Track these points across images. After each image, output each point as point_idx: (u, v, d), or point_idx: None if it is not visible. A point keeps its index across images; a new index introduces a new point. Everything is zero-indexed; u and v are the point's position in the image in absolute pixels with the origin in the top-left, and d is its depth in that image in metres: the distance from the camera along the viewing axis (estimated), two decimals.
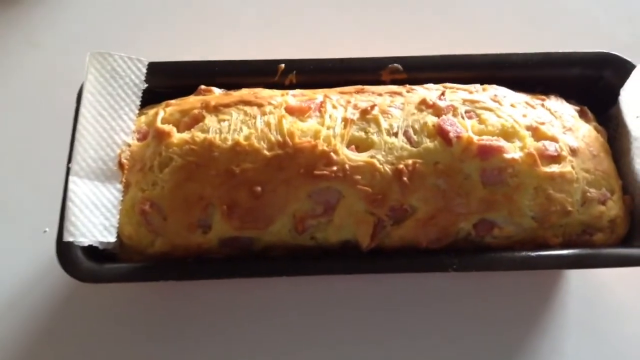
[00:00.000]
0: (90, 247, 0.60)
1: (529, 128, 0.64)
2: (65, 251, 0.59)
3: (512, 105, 0.66)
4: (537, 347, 0.71)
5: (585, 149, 0.66)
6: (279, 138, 0.61)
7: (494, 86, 0.69)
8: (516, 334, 0.72)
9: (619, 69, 0.71)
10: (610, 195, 0.65)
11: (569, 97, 0.72)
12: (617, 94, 0.70)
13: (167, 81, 0.70)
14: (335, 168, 0.60)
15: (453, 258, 0.61)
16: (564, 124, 0.67)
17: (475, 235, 0.63)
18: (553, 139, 0.64)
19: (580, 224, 0.64)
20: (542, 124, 0.65)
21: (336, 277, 0.66)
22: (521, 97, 0.69)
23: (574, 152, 0.65)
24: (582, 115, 0.70)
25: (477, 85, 0.69)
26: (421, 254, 0.62)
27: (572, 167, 0.64)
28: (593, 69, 0.72)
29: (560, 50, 0.73)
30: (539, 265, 0.62)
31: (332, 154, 0.61)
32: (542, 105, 0.68)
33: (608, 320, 0.73)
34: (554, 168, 0.63)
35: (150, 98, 0.69)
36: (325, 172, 0.60)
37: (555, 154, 0.63)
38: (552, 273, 0.75)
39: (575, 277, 0.75)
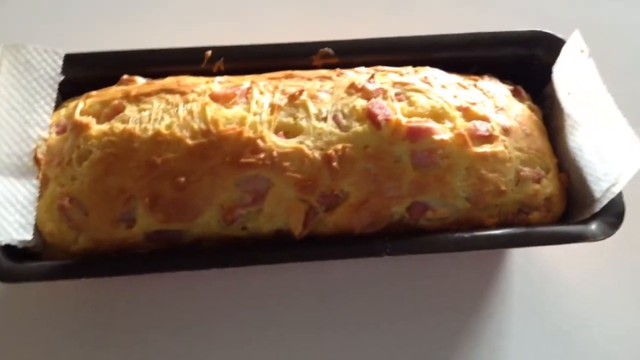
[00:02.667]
0: (12, 246, 0.57)
1: (459, 109, 0.63)
2: None
3: (442, 87, 0.65)
4: (482, 329, 0.70)
5: (518, 128, 0.65)
6: (202, 126, 0.59)
7: (427, 68, 0.68)
8: (460, 316, 0.71)
9: (551, 46, 0.70)
10: (545, 174, 0.65)
11: (504, 77, 0.72)
12: (551, 72, 0.70)
13: (88, 73, 0.67)
14: (262, 155, 0.59)
15: (386, 242, 0.60)
16: (496, 104, 0.66)
17: (410, 219, 0.62)
18: (484, 119, 0.63)
19: (515, 203, 0.64)
20: (474, 104, 0.64)
21: (272, 268, 0.64)
22: (453, 78, 0.67)
23: (506, 131, 0.64)
24: (515, 94, 0.70)
25: (409, 68, 0.68)
26: (354, 240, 0.61)
27: (505, 146, 0.63)
28: (526, 47, 0.72)
29: (497, 30, 0.72)
30: (473, 246, 0.61)
31: (258, 140, 0.59)
32: (475, 85, 0.67)
33: (552, 300, 0.73)
34: (486, 148, 0.62)
35: (74, 90, 0.66)
36: (251, 160, 0.58)
37: (487, 133, 0.63)
38: (495, 254, 0.75)
39: (519, 257, 0.74)
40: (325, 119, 0.61)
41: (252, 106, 0.61)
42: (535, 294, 0.73)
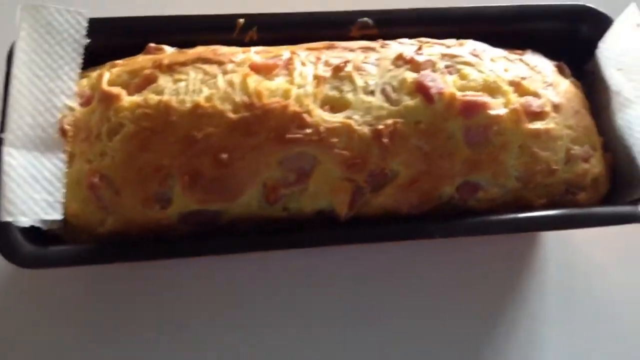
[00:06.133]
0: (31, 228, 0.52)
1: (511, 83, 0.60)
2: (2, 233, 0.51)
3: (492, 60, 0.62)
4: (516, 315, 0.69)
5: (567, 105, 0.62)
6: (245, 98, 0.55)
7: (470, 41, 0.65)
8: (494, 302, 0.69)
9: (595, 22, 0.67)
10: (593, 153, 0.63)
11: (542, 53, 0.69)
12: (593, 48, 0.67)
13: (109, 40, 0.61)
14: (309, 131, 0.54)
15: (438, 224, 0.57)
16: (544, 79, 0.63)
17: (459, 199, 0.59)
18: (535, 95, 0.61)
19: (564, 183, 0.61)
20: (524, 78, 0.61)
21: (307, 254, 0.61)
22: (499, 52, 0.64)
23: (556, 108, 0.61)
24: (559, 71, 0.67)
25: (453, 40, 0.64)
26: (404, 221, 0.58)
27: (556, 123, 0.60)
28: (568, 22, 0.69)
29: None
30: (527, 228, 0.59)
31: (305, 115, 0.55)
32: (521, 60, 0.64)
33: (586, 284, 0.71)
34: (539, 125, 0.59)
35: (90, 61, 0.61)
36: (298, 135, 0.54)
37: (539, 110, 0.60)
38: (527, 239, 0.73)
39: (550, 243, 0.73)
40: (373, 93, 0.57)
41: (295, 78, 0.57)
42: (568, 279, 0.71)
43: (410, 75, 0.58)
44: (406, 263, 0.69)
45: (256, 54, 0.59)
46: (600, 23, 0.67)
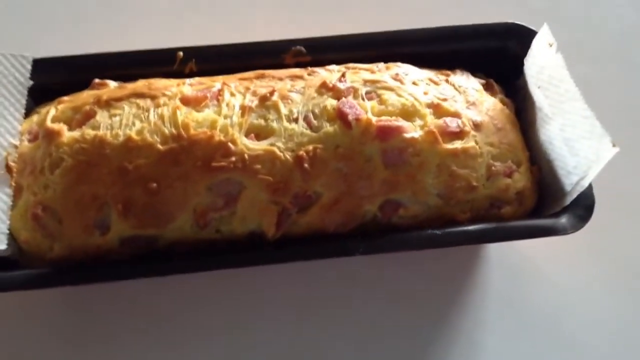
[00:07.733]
0: None
1: (429, 105, 0.64)
2: None
3: (414, 83, 0.65)
4: (459, 322, 0.71)
5: (489, 123, 0.65)
6: (173, 131, 0.59)
7: (398, 64, 0.68)
8: (437, 311, 0.72)
9: (524, 38, 0.70)
10: (516, 168, 0.65)
11: (476, 70, 0.72)
12: (523, 63, 0.70)
13: (59, 77, 0.67)
14: (233, 159, 0.59)
15: (359, 242, 0.60)
16: (467, 99, 0.66)
17: (382, 217, 0.63)
18: (456, 115, 0.64)
19: (487, 198, 0.64)
20: (445, 100, 0.64)
21: (247, 271, 0.65)
22: (425, 74, 0.68)
23: (477, 126, 0.64)
24: (487, 88, 0.70)
25: (381, 64, 0.68)
26: (327, 240, 0.62)
27: (476, 141, 0.64)
28: (497, 40, 0.72)
29: (471, 21, 0.72)
30: (445, 243, 0.61)
31: (229, 144, 0.59)
32: (447, 80, 0.68)
33: (529, 292, 0.73)
34: (457, 144, 0.63)
35: (46, 95, 0.66)
36: (223, 163, 0.59)
37: (458, 129, 0.63)
38: (471, 248, 0.76)
39: (495, 249, 0.75)
40: (296, 120, 0.61)
41: (222, 109, 0.61)
42: (511, 286, 0.73)
43: (331, 103, 0.62)
44: (351, 276, 0.73)
45: (190, 86, 0.64)
46: (528, 39, 0.70)
